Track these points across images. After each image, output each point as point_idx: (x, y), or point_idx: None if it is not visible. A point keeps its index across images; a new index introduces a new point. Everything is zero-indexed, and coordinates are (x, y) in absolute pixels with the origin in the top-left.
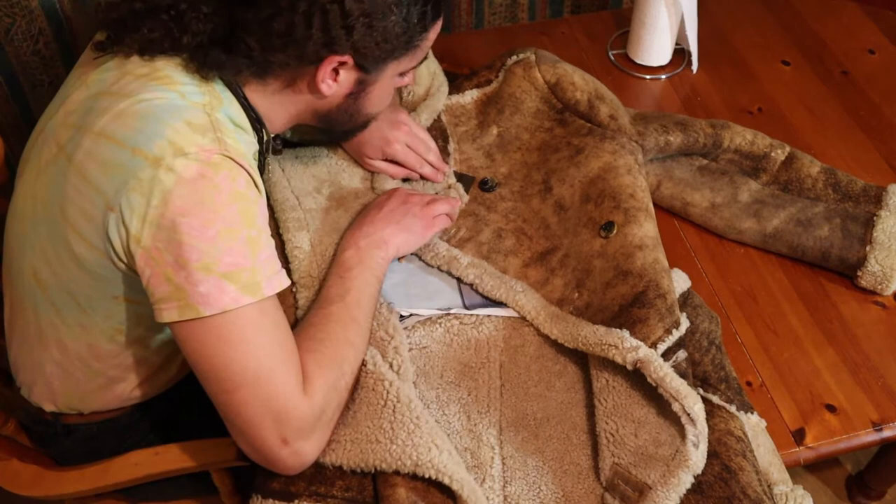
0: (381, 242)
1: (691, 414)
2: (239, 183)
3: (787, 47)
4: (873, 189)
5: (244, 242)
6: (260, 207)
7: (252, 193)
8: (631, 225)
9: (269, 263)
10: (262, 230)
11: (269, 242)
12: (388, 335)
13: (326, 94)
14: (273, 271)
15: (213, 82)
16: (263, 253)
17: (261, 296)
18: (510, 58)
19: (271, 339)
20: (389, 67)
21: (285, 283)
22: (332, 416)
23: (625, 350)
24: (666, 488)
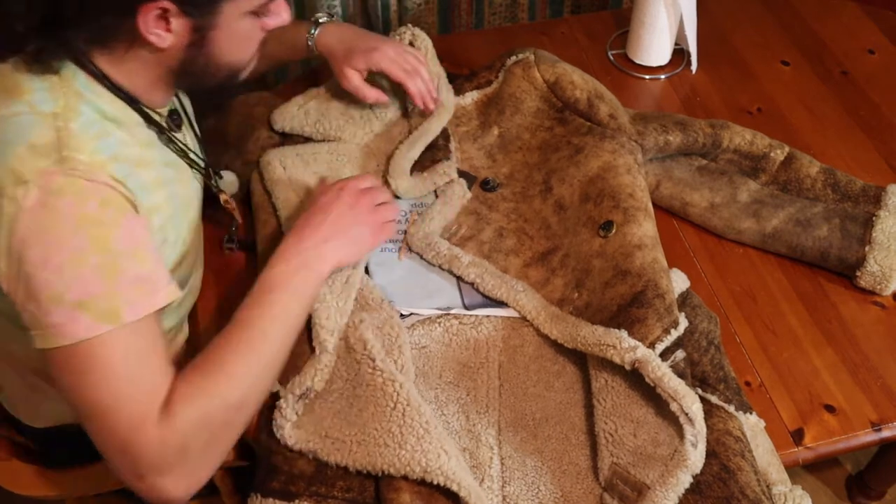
0: (318, 260)
1: (689, 414)
2: (88, 206)
3: (787, 47)
4: (872, 189)
5: (96, 269)
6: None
7: (107, 215)
8: (630, 224)
9: (134, 286)
10: (120, 253)
11: (136, 263)
12: (393, 332)
13: (161, 46)
14: (142, 293)
15: (68, 77)
16: (124, 276)
17: (120, 322)
18: (509, 58)
19: (121, 370)
20: (226, 8)
21: (160, 302)
22: (201, 453)
23: (623, 350)
24: (664, 488)
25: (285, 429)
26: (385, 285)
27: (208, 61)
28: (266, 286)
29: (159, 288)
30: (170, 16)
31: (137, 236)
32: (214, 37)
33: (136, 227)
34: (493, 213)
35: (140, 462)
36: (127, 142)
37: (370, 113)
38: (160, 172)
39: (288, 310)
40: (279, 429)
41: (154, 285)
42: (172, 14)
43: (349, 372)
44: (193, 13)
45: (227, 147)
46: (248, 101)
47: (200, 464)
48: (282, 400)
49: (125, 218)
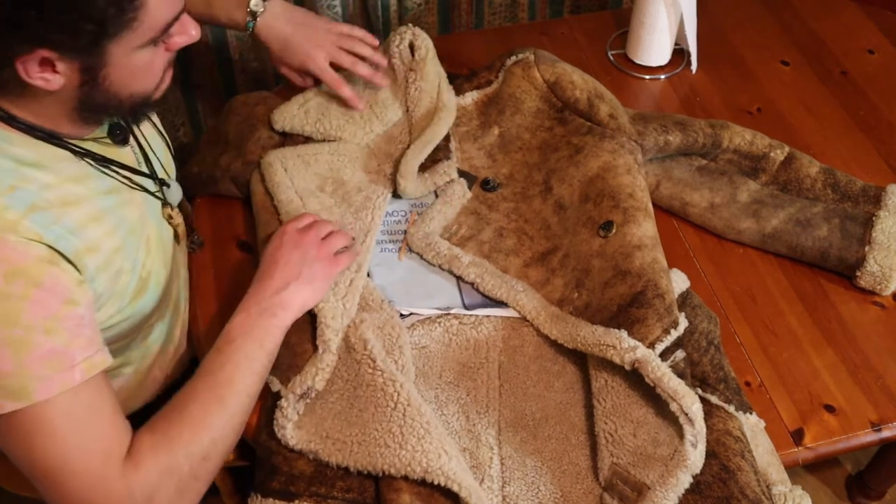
0: (278, 307)
1: (689, 414)
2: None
3: (787, 47)
4: (872, 189)
5: (3, 346)
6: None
7: (16, 288)
8: (630, 224)
9: (46, 362)
10: (31, 328)
11: (49, 337)
12: (394, 333)
13: (51, 88)
14: (55, 368)
15: None
16: (36, 352)
17: (29, 401)
18: (509, 58)
19: (65, 434)
20: (112, 48)
21: (78, 376)
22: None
23: (623, 350)
24: (664, 488)
25: (287, 429)
26: (385, 285)
27: (108, 96)
28: (229, 336)
29: (77, 361)
30: (54, 60)
31: (51, 307)
32: (108, 74)
33: (50, 297)
34: (493, 213)
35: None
36: (50, 185)
37: (370, 113)
38: (97, 205)
39: (251, 357)
40: (280, 429)
41: (71, 359)
42: (55, 58)
43: (349, 372)
44: (77, 57)
45: (227, 147)
46: (248, 101)
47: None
48: (283, 399)
49: (37, 288)
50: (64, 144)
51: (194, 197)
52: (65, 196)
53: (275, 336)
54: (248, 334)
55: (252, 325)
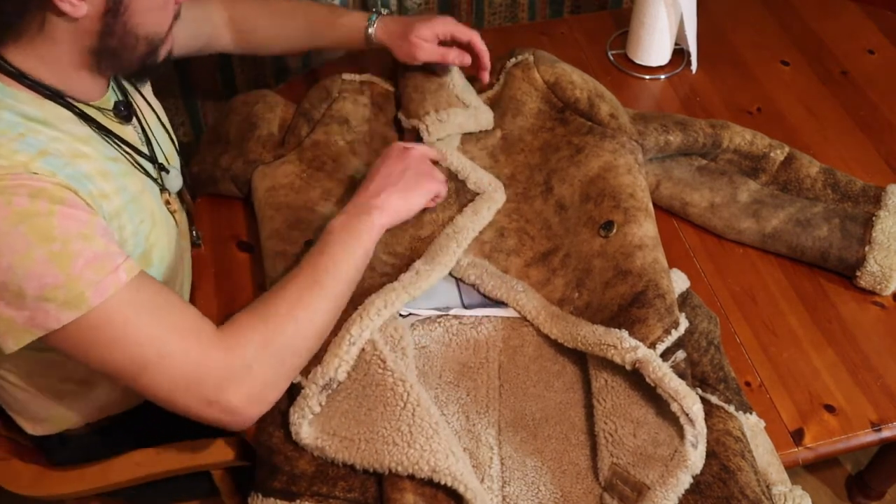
0: (373, 208)
1: (690, 414)
2: (18, 202)
3: (787, 47)
4: (872, 189)
5: (45, 261)
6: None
7: (41, 205)
8: (630, 224)
9: (93, 267)
10: (67, 239)
11: (87, 244)
12: (397, 333)
13: (76, 15)
14: (103, 272)
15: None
16: (80, 260)
17: (87, 307)
18: (509, 60)
19: (139, 322)
20: None
21: (124, 276)
22: (266, 373)
23: (623, 350)
24: (664, 488)
25: (306, 420)
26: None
27: (125, 32)
28: (329, 230)
29: (118, 263)
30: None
31: (81, 218)
32: (130, 2)
33: (77, 210)
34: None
35: (207, 386)
36: (59, 138)
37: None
38: (104, 165)
39: (349, 249)
40: (301, 418)
41: (113, 261)
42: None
43: (358, 372)
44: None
45: (227, 147)
46: (248, 100)
47: (268, 384)
48: (305, 389)
49: (61, 205)
50: (70, 105)
51: (195, 197)
52: (73, 150)
53: (371, 233)
54: (346, 229)
55: (349, 221)
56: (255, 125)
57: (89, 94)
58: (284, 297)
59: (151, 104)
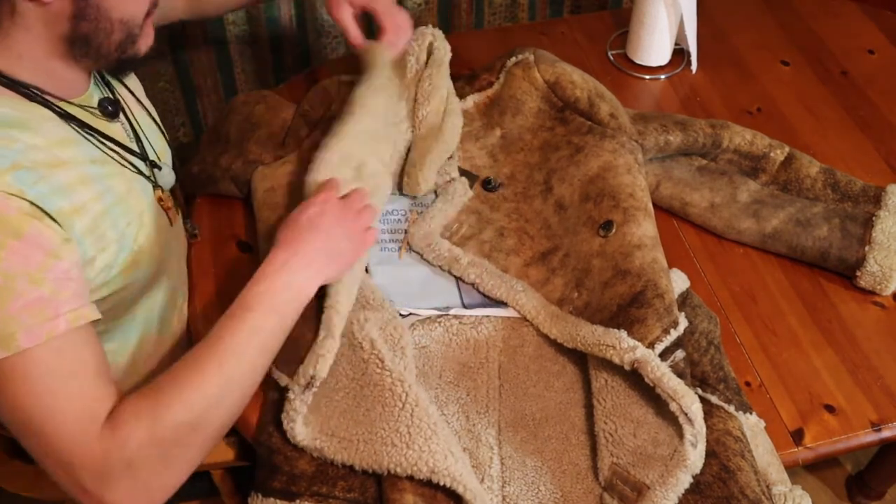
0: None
1: (689, 413)
2: None
3: (787, 47)
4: (872, 189)
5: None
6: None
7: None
8: (630, 224)
9: (30, 311)
10: (13, 276)
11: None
12: (396, 333)
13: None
14: (40, 318)
15: None
16: (20, 300)
17: (15, 349)
18: (509, 59)
19: (40, 389)
20: None
21: (62, 326)
22: (151, 471)
23: (622, 350)
24: (664, 488)
25: (297, 422)
26: (384, 285)
27: (98, 15)
28: (245, 304)
29: (62, 311)
30: None
31: (32, 259)
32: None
33: (31, 248)
34: (494, 213)
35: (83, 475)
36: (37, 146)
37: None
38: (83, 170)
39: (266, 329)
40: (290, 422)
41: (55, 309)
42: None
43: (356, 371)
44: None
45: (227, 147)
46: (248, 100)
47: (152, 482)
48: (290, 392)
49: (16, 240)
50: (48, 104)
51: (195, 196)
52: (52, 158)
53: (295, 311)
54: (269, 305)
55: (274, 296)
56: (256, 125)
57: (70, 91)
58: (179, 384)
59: (140, 100)
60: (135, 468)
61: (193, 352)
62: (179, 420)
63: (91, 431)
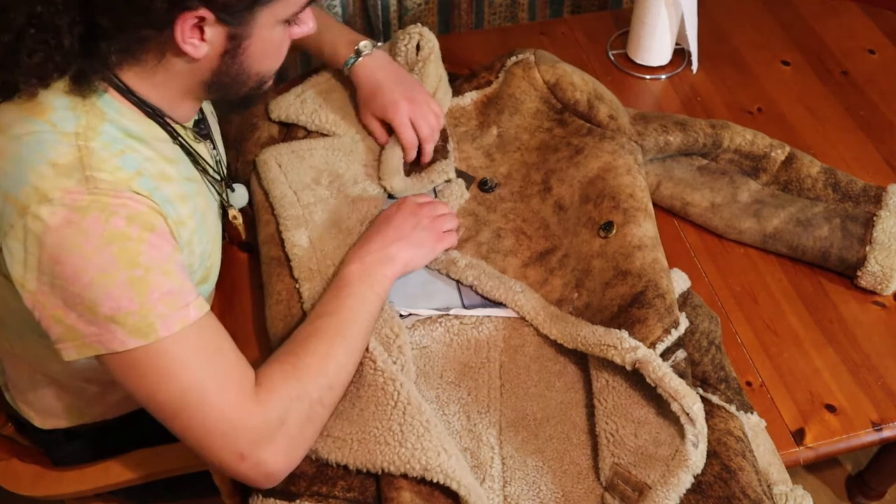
0: (387, 259)
1: (690, 413)
2: (114, 223)
3: (787, 47)
4: (873, 189)
5: (125, 285)
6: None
7: (134, 231)
8: (630, 225)
9: (167, 300)
10: (150, 269)
11: (166, 278)
12: (392, 333)
13: (196, 56)
14: (176, 306)
15: (90, 95)
16: (156, 291)
17: (155, 337)
18: (510, 59)
19: (192, 365)
20: (261, 16)
21: (193, 315)
22: (299, 428)
23: (623, 350)
24: (665, 488)
25: None
26: None
27: (240, 70)
28: (343, 281)
29: (189, 300)
30: (206, 24)
31: (165, 251)
32: (248, 45)
33: (163, 242)
34: (490, 214)
35: (242, 440)
36: (151, 158)
37: None
38: (182, 188)
39: (366, 300)
40: None
41: (184, 298)
42: (209, 23)
43: None
44: (230, 21)
45: (227, 147)
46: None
47: (299, 439)
48: None
49: (152, 233)
50: (165, 124)
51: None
52: (161, 171)
53: (385, 284)
54: (363, 280)
55: (366, 273)
56: (255, 126)
57: (182, 117)
58: (314, 351)
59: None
60: (287, 425)
61: (314, 326)
62: (320, 382)
63: (248, 396)
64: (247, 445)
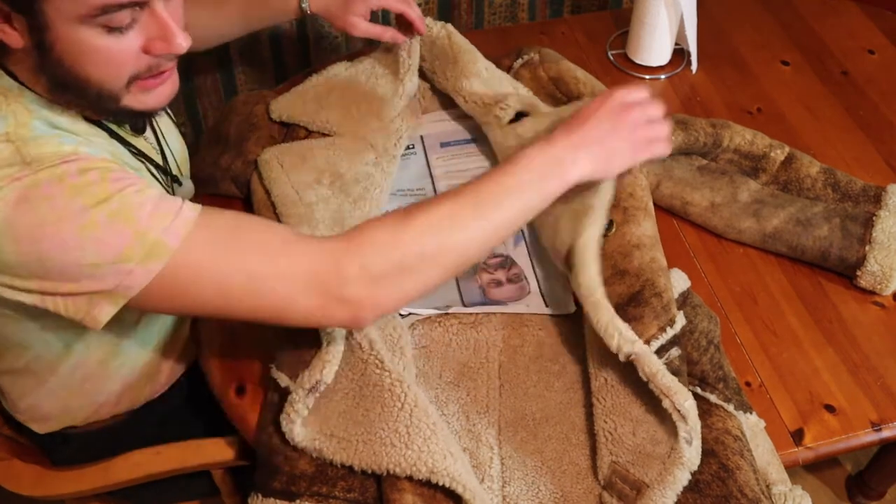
0: (571, 162)
1: (682, 410)
2: (70, 179)
3: (787, 47)
4: (873, 189)
5: (110, 222)
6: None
7: (92, 175)
8: (629, 224)
9: (157, 215)
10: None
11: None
12: (395, 333)
13: (13, 45)
14: (170, 214)
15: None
16: (142, 211)
17: (168, 253)
18: (516, 60)
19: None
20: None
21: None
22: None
23: (623, 339)
24: (662, 486)
25: (296, 424)
26: None
27: (68, 73)
28: (510, 163)
29: (179, 204)
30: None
31: (130, 177)
32: (54, 44)
33: (124, 173)
34: None
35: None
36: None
37: (368, 109)
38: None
39: (526, 189)
40: (290, 423)
41: (173, 205)
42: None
43: (355, 372)
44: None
45: (227, 147)
46: (248, 100)
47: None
48: (293, 394)
49: (110, 171)
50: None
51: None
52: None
53: (555, 185)
54: (531, 168)
55: (536, 162)
56: (256, 126)
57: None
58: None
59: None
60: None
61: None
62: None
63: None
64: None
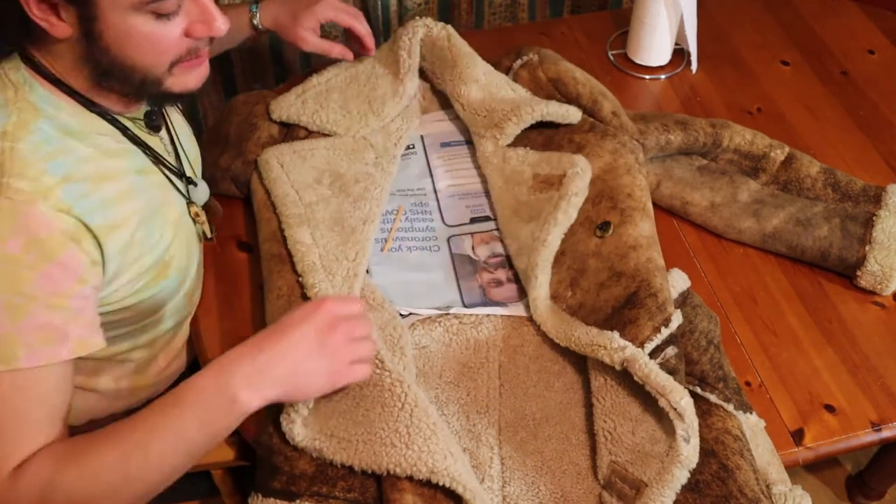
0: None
1: (678, 409)
2: (11, 245)
3: (787, 47)
4: (873, 189)
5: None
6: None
7: (29, 257)
8: (627, 225)
9: (39, 333)
10: (33, 298)
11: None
12: (395, 333)
13: (57, 35)
14: (46, 341)
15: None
16: (32, 321)
17: (15, 365)
18: (515, 61)
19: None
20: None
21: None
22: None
23: (612, 350)
24: (661, 485)
25: (296, 423)
26: (384, 285)
27: (114, 60)
28: (177, 396)
29: (70, 339)
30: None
31: (60, 284)
32: (103, 32)
33: (62, 273)
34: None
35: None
36: (89, 157)
37: (367, 108)
38: (130, 182)
39: (183, 431)
40: (290, 423)
41: (63, 336)
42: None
43: None
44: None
45: (227, 147)
46: (248, 100)
47: None
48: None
49: (50, 263)
50: (104, 114)
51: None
52: (100, 170)
53: (225, 420)
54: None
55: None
56: (255, 126)
57: (123, 108)
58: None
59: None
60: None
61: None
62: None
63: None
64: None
